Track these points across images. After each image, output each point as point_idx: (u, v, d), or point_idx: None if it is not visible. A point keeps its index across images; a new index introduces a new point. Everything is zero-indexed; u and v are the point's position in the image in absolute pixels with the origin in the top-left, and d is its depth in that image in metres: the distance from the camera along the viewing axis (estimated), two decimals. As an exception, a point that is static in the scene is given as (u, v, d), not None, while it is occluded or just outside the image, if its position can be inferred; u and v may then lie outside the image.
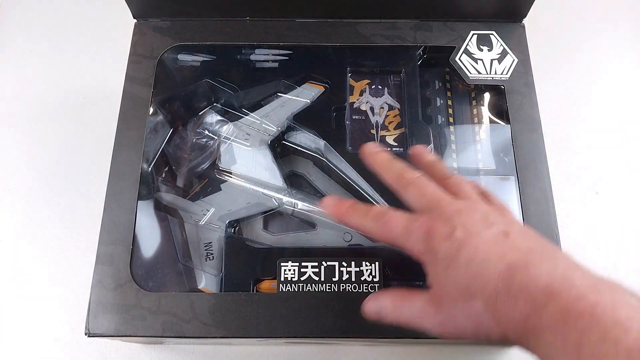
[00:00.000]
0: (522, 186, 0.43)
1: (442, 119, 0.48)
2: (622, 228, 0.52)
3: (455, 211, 0.32)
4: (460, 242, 0.30)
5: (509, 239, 0.30)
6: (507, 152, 0.45)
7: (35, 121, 0.57)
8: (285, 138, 0.47)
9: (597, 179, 0.54)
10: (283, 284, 0.39)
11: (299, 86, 0.48)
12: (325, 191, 0.46)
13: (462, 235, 0.30)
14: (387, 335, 0.38)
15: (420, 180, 0.35)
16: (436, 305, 0.31)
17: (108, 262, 0.40)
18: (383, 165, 0.37)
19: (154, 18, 0.49)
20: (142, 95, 0.46)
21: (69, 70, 0.59)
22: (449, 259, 0.30)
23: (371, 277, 0.39)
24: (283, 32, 0.48)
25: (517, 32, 0.49)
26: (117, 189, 0.42)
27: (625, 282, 0.45)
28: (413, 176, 0.35)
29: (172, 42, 0.48)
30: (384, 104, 0.48)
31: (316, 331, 0.38)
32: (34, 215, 0.53)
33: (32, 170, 0.55)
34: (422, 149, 0.39)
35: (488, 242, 0.30)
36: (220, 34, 0.49)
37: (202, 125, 0.48)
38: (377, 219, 0.34)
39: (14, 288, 0.50)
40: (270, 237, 0.45)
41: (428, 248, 0.31)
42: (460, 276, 0.29)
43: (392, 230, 0.33)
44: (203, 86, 0.48)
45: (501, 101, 0.47)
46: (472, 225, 0.31)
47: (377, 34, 0.48)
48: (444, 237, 0.30)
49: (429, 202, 0.33)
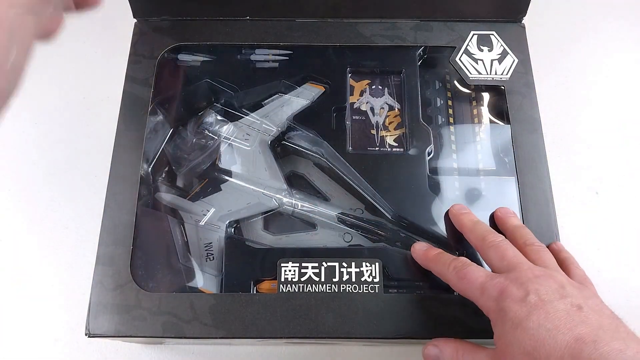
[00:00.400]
0: (522, 186, 0.43)
1: (442, 119, 0.48)
2: (622, 228, 0.52)
3: (532, 277, 0.33)
4: (532, 307, 0.31)
5: (582, 312, 0.31)
6: (507, 152, 0.45)
7: (35, 121, 0.57)
8: (286, 138, 0.47)
9: (597, 179, 0.54)
10: (283, 285, 0.39)
11: (299, 86, 0.48)
12: (325, 191, 0.46)
13: (535, 300, 0.31)
14: (387, 335, 0.38)
15: (502, 244, 0.37)
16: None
17: (108, 262, 0.40)
18: (469, 225, 0.39)
19: (154, 18, 0.49)
20: (142, 95, 0.46)
21: (69, 70, 0.59)
22: (518, 320, 0.31)
23: (371, 278, 0.39)
24: (283, 32, 0.48)
25: (517, 32, 0.49)
26: (117, 189, 0.42)
27: (625, 282, 0.45)
28: (495, 239, 0.37)
29: (172, 42, 0.48)
30: (384, 104, 0.48)
31: (316, 332, 0.38)
32: (34, 215, 0.53)
33: (32, 171, 0.55)
34: (507, 211, 0.41)
35: (560, 311, 0.31)
36: (220, 34, 0.49)
37: (202, 125, 0.48)
38: (457, 271, 0.36)
39: (14, 288, 0.50)
40: (271, 238, 0.45)
41: (499, 307, 0.32)
42: (527, 339, 0.30)
43: (470, 284, 0.35)
44: (203, 86, 0.48)
45: (501, 101, 0.47)
46: (547, 293, 0.32)
47: (378, 34, 0.48)
48: (517, 299, 0.32)
49: (508, 265, 0.35)
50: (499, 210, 0.41)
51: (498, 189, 0.45)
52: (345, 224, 0.44)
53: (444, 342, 0.36)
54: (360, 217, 0.44)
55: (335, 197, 0.46)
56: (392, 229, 0.43)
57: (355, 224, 0.44)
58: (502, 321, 0.32)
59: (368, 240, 0.44)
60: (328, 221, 0.44)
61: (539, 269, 0.34)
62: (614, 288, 0.48)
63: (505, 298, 0.32)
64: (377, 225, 0.44)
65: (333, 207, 0.45)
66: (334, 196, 0.46)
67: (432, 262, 0.38)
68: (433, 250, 0.39)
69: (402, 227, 0.43)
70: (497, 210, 0.41)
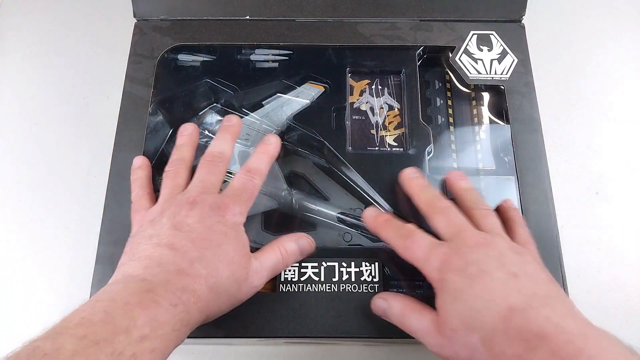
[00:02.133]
0: (522, 186, 0.43)
1: (442, 119, 0.48)
2: (622, 228, 0.52)
3: (474, 245, 0.34)
4: (471, 278, 0.32)
5: (517, 280, 0.32)
6: (507, 152, 0.45)
7: (35, 121, 0.57)
8: (286, 138, 0.47)
9: (597, 179, 0.54)
10: (283, 284, 0.39)
11: (299, 86, 0.48)
12: (325, 191, 0.46)
13: (474, 271, 0.32)
14: (387, 335, 0.38)
15: (448, 209, 0.37)
16: (439, 329, 0.33)
17: (108, 262, 0.40)
18: (417, 190, 0.39)
19: (153, 18, 0.49)
20: (142, 95, 0.46)
21: (69, 70, 0.59)
22: (458, 292, 0.32)
23: (371, 278, 0.39)
24: (283, 32, 0.49)
25: (517, 32, 0.49)
26: (117, 189, 0.43)
27: (625, 282, 0.45)
28: (442, 205, 0.37)
29: (172, 42, 0.48)
30: (384, 104, 0.48)
31: (316, 331, 0.38)
32: (34, 215, 0.53)
33: (32, 170, 0.55)
34: (458, 174, 0.41)
35: (496, 281, 0.32)
36: (220, 34, 0.49)
37: (202, 126, 0.48)
38: (404, 238, 0.36)
39: (14, 288, 0.50)
40: (270, 237, 0.45)
41: (441, 277, 0.33)
42: (465, 310, 0.31)
43: (414, 252, 0.35)
44: (203, 86, 0.48)
45: (501, 101, 0.47)
46: (485, 263, 0.33)
47: (377, 34, 0.48)
48: (457, 270, 0.33)
49: (454, 230, 0.35)
50: (449, 173, 0.41)
51: (498, 189, 0.45)
52: (344, 223, 0.44)
53: (392, 296, 0.37)
54: (360, 216, 0.44)
55: (334, 197, 0.46)
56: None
57: (355, 224, 0.44)
58: (443, 291, 0.33)
59: (368, 240, 0.43)
60: (328, 221, 0.44)
61: (481, 236, 0.34)
62: (614, 288, 0.48)
63: (446, 268, 0.33)
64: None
65: (333, 207, 0.45)
66: (333, 196, 0.46)
67: (381, 228, 0.38)
68: (383, 217, 0.39)
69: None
70: (448, 173, 0.41)
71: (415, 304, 0.35)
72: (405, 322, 0.35)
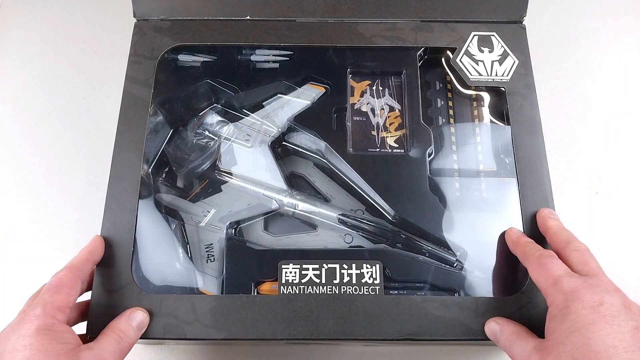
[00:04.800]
0: (523, 188, 0.43)
1: (443, 120, 0.48)
2: (622, 228, 0.52)
3: (611, 289, 0.34)
4: (600, 317, 0.32)
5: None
6: (508, 153, 0.45)
7: (35, 121, 0.57)
8: (286, 139, 0.47)
9: (597, 179, 0.54)
10: (284, 286, 0.39)
11: (299, 87, 0.48)
12: (326, 192, 0.46)
13: (606, 313, 0.32)
14: (388, 337, 0.38)
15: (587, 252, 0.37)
16: (541, 355, 0.33)
17: (109, 263, 0.40)
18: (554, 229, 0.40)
19: (153, 18, 0.49)
20: (142, 95, 0.46)
21: (69, 70, 0.59)
22: (580, 324, 0.32)
23: (372, 280, 0.39)
24: (283, 32, 0.48)
25: (518, 33, 0.49)
26: (117, 189, 0.42)
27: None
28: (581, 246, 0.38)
29: (172, 42, 0.48)
30: (384, 105, 0.48)
31: (317, 333, 0.38)
32: (34, 215, 0.53)
33: (32, 170, 0.55)
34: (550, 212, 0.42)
35: (624, 333, 0.32)
36: (221, 34, 0.48)
37: (202, 126, 0.48)
38: (544, 257, 0.37)
39: (14, 288, 0.50)
40: (271, 239, 0.45)
41: (566, 304, 0.33)
42: (581, 346, 0.31)
43: (550, 269, 0.36)
44: (203, 87, 0.48)
45: (502, 102, 0.47)
46: (618, 309, 0.33)
47: (378, 34, 0.48)
48: (588, 305, 0.33)
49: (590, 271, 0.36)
50: (542, 210, 0.42)
51: (499, 190, 0.45)
52: (345, 225, 0.44)
53: (505, 321, 0.38)
54: (360, 218, 0.44)
55: (335, 198, 0.46)
56: (392, 230, 0.43)
57: (356, 225, 0.44)
58: (562, 319, 0.33)
59: (369, 242, 0.44)
60: (329, 222, 0.44)
61: (613, 285, 0.35)
62: (613, 289, 0.49)
63: (576, 298, 0.33)
64: (377, 227, 0.44)
65: (333, 208, 0.45)
66: (334, 197, 0.46)
67: (522, 246, 0.39)
68: (525, 238, 0.40)
69: (402, 228, 0.43)
70: (541, 210, 0.42)
71: (524, 330, 0.36)
72: (511, 347, 0.36)
